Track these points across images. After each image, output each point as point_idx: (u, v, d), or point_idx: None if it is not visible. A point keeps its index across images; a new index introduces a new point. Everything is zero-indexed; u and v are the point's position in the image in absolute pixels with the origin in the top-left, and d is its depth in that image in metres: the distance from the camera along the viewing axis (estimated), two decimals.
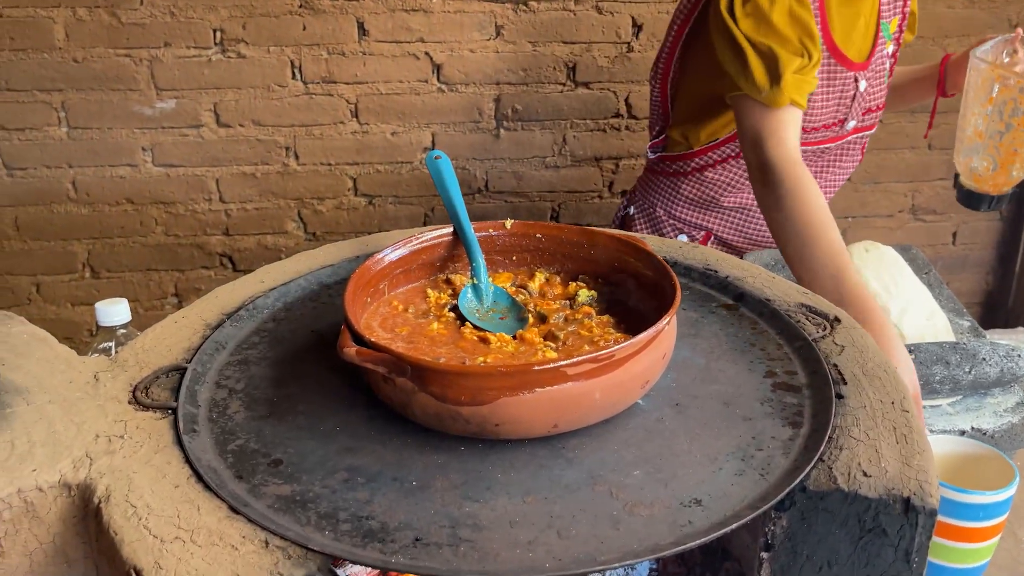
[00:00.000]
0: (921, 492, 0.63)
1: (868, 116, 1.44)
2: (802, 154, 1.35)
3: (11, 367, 0.78)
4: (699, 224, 1.55)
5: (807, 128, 1.36)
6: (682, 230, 1.56)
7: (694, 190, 1.51)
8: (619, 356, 0.70)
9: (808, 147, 1.39)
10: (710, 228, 1.54)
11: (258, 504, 0.64)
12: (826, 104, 1.36)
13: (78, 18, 1.91)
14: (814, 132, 1.38)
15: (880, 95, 1.43)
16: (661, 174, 1.54)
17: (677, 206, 1.54)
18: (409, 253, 0.91)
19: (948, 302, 1.26)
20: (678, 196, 1.53)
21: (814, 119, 1.36)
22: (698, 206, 1.54)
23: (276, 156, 2.08)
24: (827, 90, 1.35)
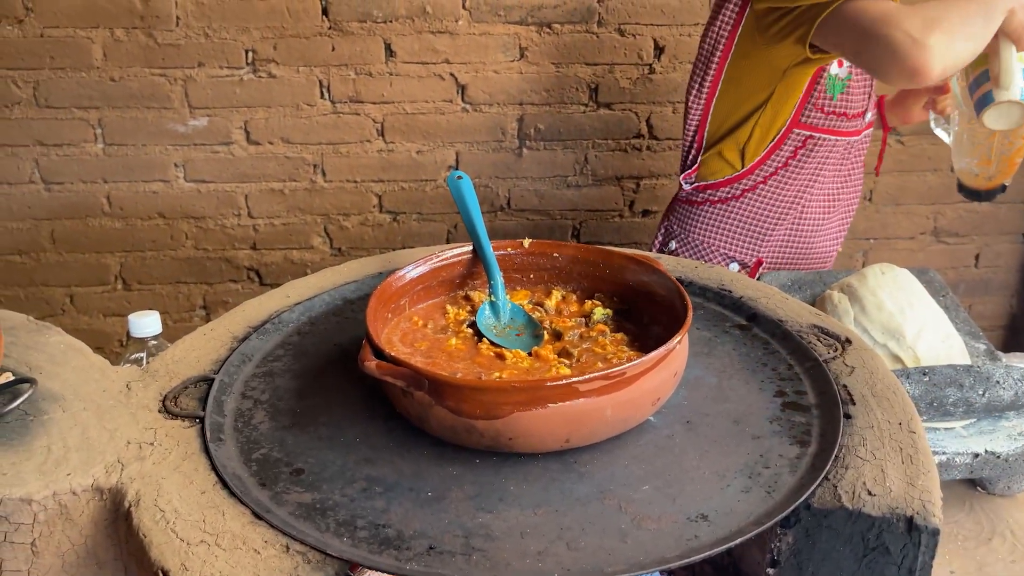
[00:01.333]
0: (924, 512, 0.64)
1: (871, 114, 1.51)
2: (840, 147, 1.47)
3: (48, 375, 0.81)
4: (751, 251, 1.55)
5: (849, 114, 1.43)
6: (734, 258, 1.56)
7: (748, 212, 1.53)
8: (630, 373, 0.72)
9: (846, 136, 1.46)
10: (762, 255, 1.56)
11: (280, 511, 0.67)
12: (860, 91, 1.43)
13: (116, 39, 1.98)
14: (854, 119, 1.45)
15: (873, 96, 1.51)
16: (704, 204, 1.55)
17: (727, 235, 1.55)
18: (429, 270, 0.94)
19: (964, 325, 1.26)
20: (727, 222, 1.54)
21: (851, 104, 1.43)
22: (751, 231, 1.55)
23: (304, 173, 2.13)
24: (861, 76, 1.42)
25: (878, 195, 2.23)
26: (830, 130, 1.45)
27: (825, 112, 1.43)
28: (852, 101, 1.44)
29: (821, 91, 1.42)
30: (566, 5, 2.02)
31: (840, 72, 1.41)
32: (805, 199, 1.52)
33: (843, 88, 1.42)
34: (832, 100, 1.42)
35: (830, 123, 1.44)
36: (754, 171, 1.50)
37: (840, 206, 1.58)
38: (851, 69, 1.41)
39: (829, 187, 1.54)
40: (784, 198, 1.52)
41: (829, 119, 1.44)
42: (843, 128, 1.46)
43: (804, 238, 1.56)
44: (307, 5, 1.98)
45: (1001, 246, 2.32)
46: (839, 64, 1.41)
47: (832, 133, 1.45)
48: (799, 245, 1.57)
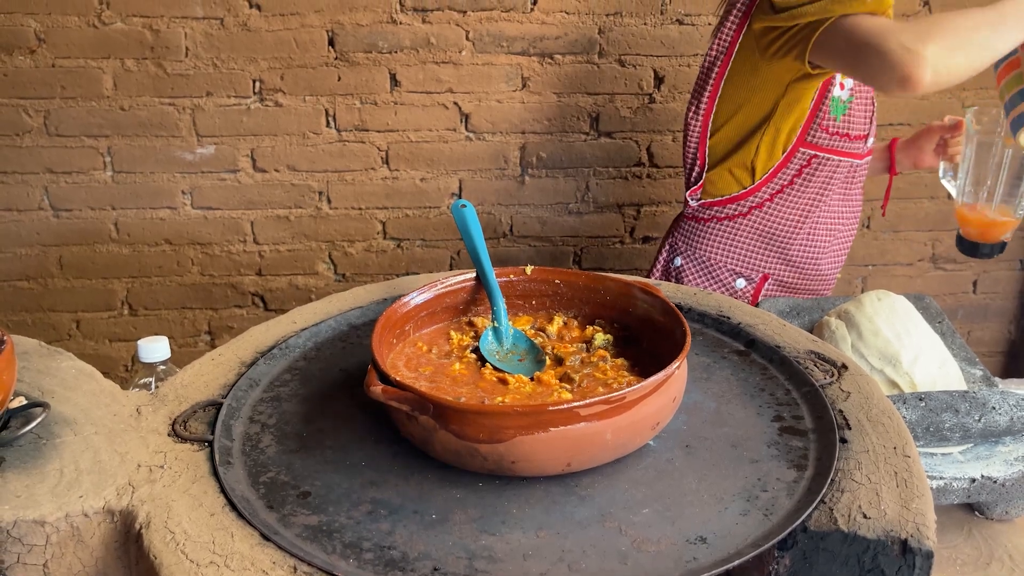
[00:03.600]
0: (918, 535, 0.65)
1: (871, 140, 1.55)
2: (843, 168, 1.51)
3: (60, 400, 0.83)
4: (757, 266, 1.58)
5: (852, 135, 1.47)
6: (740, 273, 1.58)
7: (755, 229, 1.56)
8: (630, 398, 0.74)
9: (849, 158, 1.50)
10: (768, 270, 1.58)
11: (287, 533, 0.68)
12: (863, 113, 1.47)
13: (126, 69, 2.01)
14: (858, 141, 1.48)
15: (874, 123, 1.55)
16: (711, 220, 1.58)
17: (734, 251, 1.57)
18: (433, 297, 0.96)
19: (960, 351, 1.28)
20: (735, 239, 1.57)
21: (853, 125, 1.47)
22: (758, 248, 1.57)
23: (309, 200, 2.16)
24: (862, 99, 1.46)
25: (876, 222, 2.25)
26: (834, 150, 1.48)
27: (829, 132, 1.47)
28: (854, 122, 1.48)
29: (825, 112, 1.46)
30: (567, 36, 2.06)
31: (842, 94, 1.45)
32: (812, 218, 1.55)
33: (845, 110, 1.46)
34: (836, 121, 1.46)
35: (834, 143, 1.48)
36: (761, 188, 1.53)
37: (843, 229, 1.61)
38: (852, 91, 1.45)
39: (834, 208, 1.57)
40: (790, 216, 1.54)
41: (833, 139, 1.47)
42: (847, 149, 1.49)
43: (810, 257, 1.58)
44: (314, 36, 2.03)
45: (999, 273, 2.34)
46: (841, 87, 1.44)
47: (836, 153, 1.48)
48: (805, 264, 1.59)
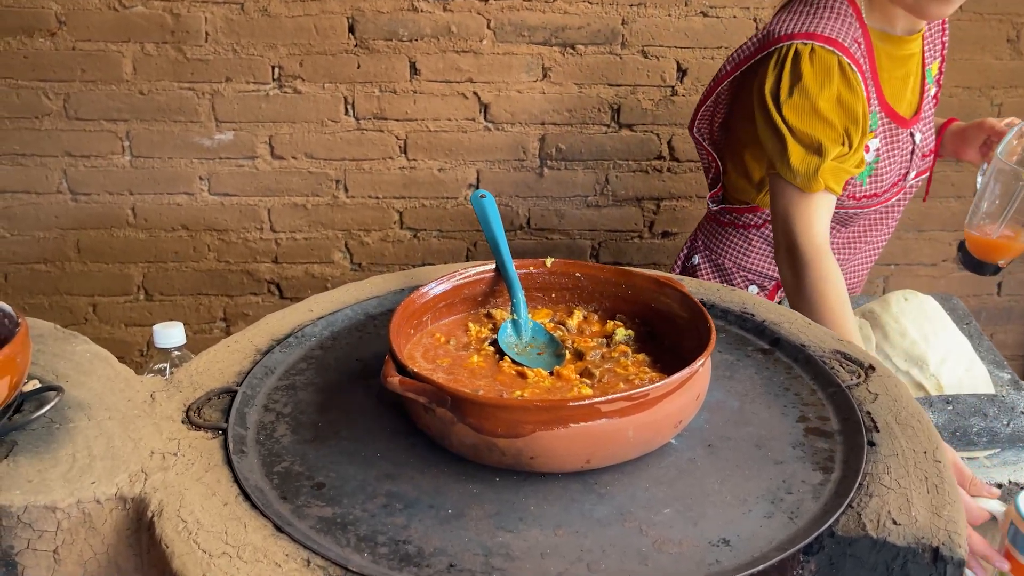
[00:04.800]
0: (950, 543, 0.63)
1: (924, 161, 1.44)
2: (874, 211, 1.40)
3: (75, 384, 0.82)
4: (771, 276, 1.54)
5: (879, 193, 1.36)
6: (753, 281, 1.55)
7: (764, 239, 1.50)
8: (653, 395, 0.72)
9: (880, 206, 1.41)
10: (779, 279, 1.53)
11: (301, 524, 0.67)
12: (891, 166, 1.36)
13: (146, 53, 2.01)
14: (877, 199, 1.39)
15: (931, 139, 1.44)
16: (729, 225, 1.54)
17: (748, 258, 1.53)
18: (452, 288, 0.94)
19: (988, 353, 1.25)
20: (749, 248, 1.52)
21: (884, 182, 1.36)
22: (767, 257, 1.53)
23: (326, 188, 2.14)
24: (891, 152, 1.34)
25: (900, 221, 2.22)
26: (862, 206, 1.39)
27: (856, 198, 1.36)
28: (882, 180, 1.36)
29: (850, 181, 1.33)
30: (590, 27, 2.04)
31: (868, 157, 1.32)
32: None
33: (871, 171, 1.35)
34: (862, 186, 1.35)
35: (862, 204, 1.38)
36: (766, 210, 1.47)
37: (866, 249, 1.54)
38: (878, 152, 1.33)
39: (859, 230, 1.49)
40: None
41: (861, 202, 1.37)
42: (876, 203, 1.40)
43: None
44: (334, 23, 2.01)
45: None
46: (867, 150, 1.31)
47: (864, 208, 1.39)
48: None
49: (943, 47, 1.42)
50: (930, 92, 1.41)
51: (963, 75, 2.09)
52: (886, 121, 1.32)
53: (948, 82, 2.09)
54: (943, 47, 1.42)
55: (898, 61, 1.30)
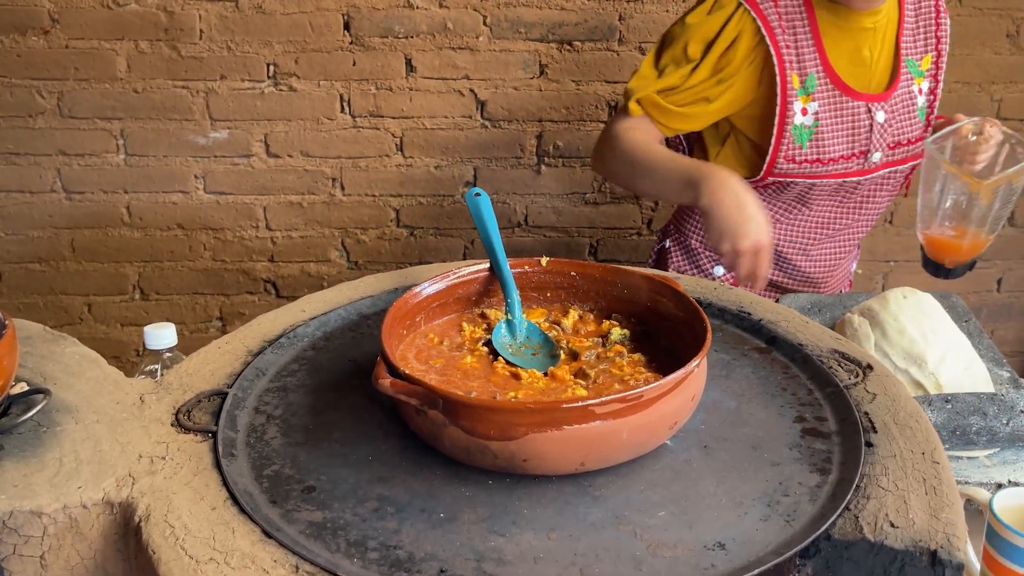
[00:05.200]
0: (949, 546, 0.63)
1: (900, 150, 1.42)
2: (833, 188, 1.40)
3: (63, 386, 0.81)
4: None
5: (824, 160, 1.38)
6: (719, 261, 1.54)
7: None
8: (647, 397, 0.71)
9: (833, 179, 1.39)
10: None
11: (290, 529, 0.66)
12: (835, 134, 1.37)
13: (140, 51, 1.99)
14: (833, 164, 1.38)
15: (910, 130, 1.42)
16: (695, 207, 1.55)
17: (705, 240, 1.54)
18: (445, 287, 0.93)
19: (988, 351, 1.24)
20: None
21: (828, 149, 1.37)
22: None
23: (322, 186, 2.13)
24: (835, 119, 1.36)
25: (899, 217, 2.21)
26: (808, 175, 1.38)
27: (797, 162, 1.37)
28: (826, 146, 1.36)
29: (788, 142, 1.35)
30: (587, 23, 2.02)
31: (806, 120, 1.34)
32: (789, 222, 1.47)
33: (811, 135, 1.35)
34: (802, 149, 1.36)
35: (804, 170, 1.38)
36: None
37: (837, 235, 1.51)
38: (817, 116, 1.35)
39: (824, 214, 1.47)
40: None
41: (803, 167, 1.37)
42: (823, 172, 1.38)
43: (788, 257, 1.51)
44: (329, 20, 2.00)
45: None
46: (803, 112, 1.34)
47: (811, 177, 1.39)
48: (784, 263, 1.51)
49: (938, 42, 1.41)
50: (915, 83, 1.40)
51: (963, 70, 2.08)
52: (828, 86, 1.33)
53: (948, 77, 2.07)
54: (938, 42, 1.41)
55: (846, 32, 1.32)
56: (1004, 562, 0.83)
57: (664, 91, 1.33)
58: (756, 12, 1.29)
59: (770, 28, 1.29)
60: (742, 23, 1.29)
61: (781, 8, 1.30)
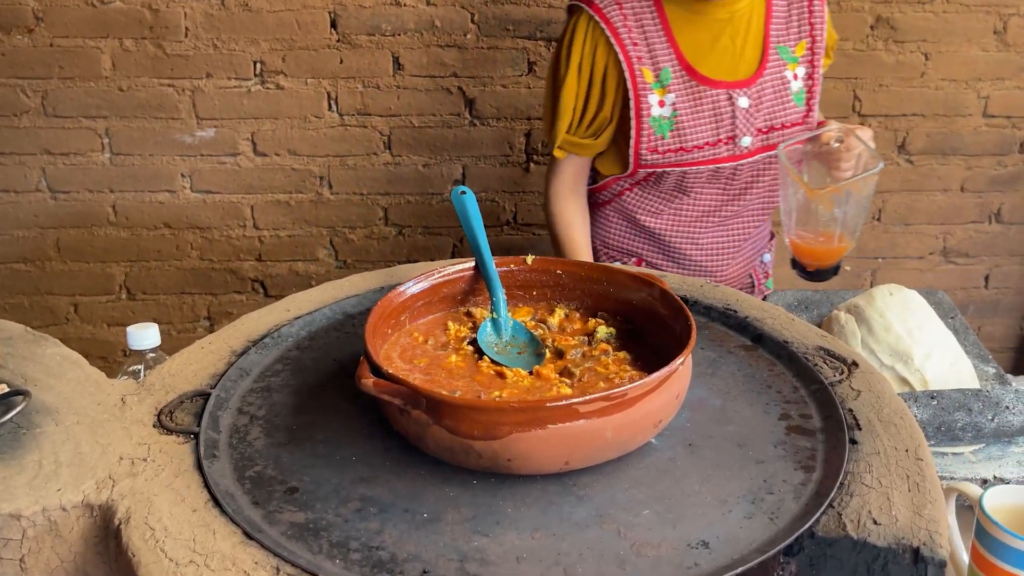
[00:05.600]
0: (931, 543, 0.63)
1: (775, 134, 1.43)
2: (708, 175, 1.43)
3: (43, 388, 0.80)
4: (629, 250, 1.57)
5: (688, 147, 1.40)
6: (615, 258, 1.58)
7: (618, 214, 1.54)
8: (632, 395, 0.71)
9: (704, 166, 1.41)
10: (640, 254, 1.56)
11: (272, 531, 0.65)
12: (695, 122, 1.40)
13: (125, 49, 1.98)
14: (698, 151, 1.40)
15: (784, 114, 1.44)
16: (593, 206, 1.58)
17: (609, 234, 1.57)
18: (430, 286, 0.93)
19: (973, 348, 1.24)
20: (608, 225, 1.56)
21: (689, 137, 1.40)
22: (628, 231, 1.55)
23: (310, 185, 2.12)
24: (693, 108, 1.39)
25: (887, 215, 2.22)
26: (675, 164, 1.41)
27: (661, 152, 1.40)
28: (687, 134, 1.39)
29: (649, 134, 1.39)
30: None
31: (664, 111, 1.38)
32: (672, 210, 1.49)
33: (671, 125, 1.38)
34: (664, 139, 1.39)
35: (670, 159, 1.40)
36: (613, 184, 1.51)
37: (726, 222, 1.51)
38: (675, 106, 1.38)
39: (704, 203, 1.48)
40: (648, 207, 1.50)
41: (668, 156, 1.40)
42: (692, 160, 1.40)
43: (676, 245, 1.52)
44: (316, 18, 1.99)
45: (1011, 267, 2.30)
46: (660, 104, 1.38)
47: (679, 166, 1.41)
48: (674, 252, 1.53)
49: (812, 28, 1.44)
50: (787, 69, 1.42)
51: (949, 67, 2.08)
52: (684, 77, 1.38)
53: (935, 75, 2.09)
54: (812, 28, 1.44)
55: (699, 24, 1.37)
56: (994, 560, 0.83)
57: (570, 128, 1.42)
58: (600, 17, 1.35)
59: (614, 29, 1.35)
60: (591, 31, 1.36)
61: (627, 9, 1.36)
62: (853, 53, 2.06)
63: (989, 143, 2.16)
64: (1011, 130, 2.15)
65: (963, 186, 2.20)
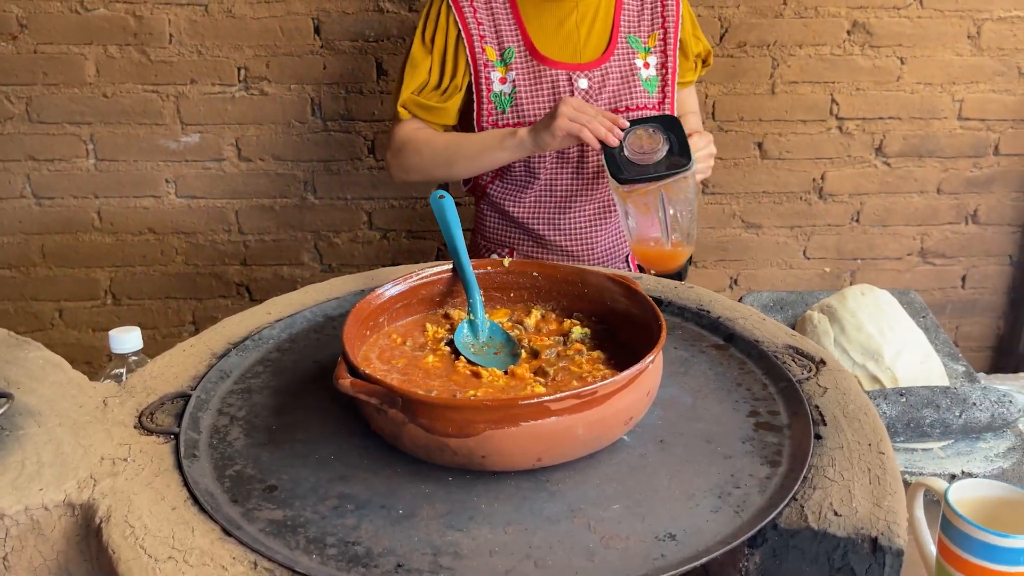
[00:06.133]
0: (889, 532, 0.65)
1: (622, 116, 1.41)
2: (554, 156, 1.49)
3: (26, 391, 0.82)
4: (502, 242, 1.62)
5: (525, 123, 1.46)
6: (492, 250, 1.64)
7: (491, 208, 1.60)
8: (602, 393, 0.73)
9: None
10: (511, 244, 1.61)
11: (250, 527, 0.67)
12: (534, 99, 1.47)
13: (109, 55, 1.99)
14: None
15: (629, 97, 1.50)
16: (473, 204, 1.66)
17: (486, 227, 1.63)
18: (408, 289, 0.94)
19: (944, 346, 1.27)
20: (484, 219, 1.63)
21: (527, 113, 1.47)
22: (498, 224, 1.61)
23: (294, 190, 2.14)
24: (533, 86, 1.47)
25: (865, 216, 2.25)
26: None
27: (500, 126, 1.46)
28: (524, 110, 1.46)
29: (491, 108, 1.47)
30: None
31: (505, 88, 1.47)
32: (525, 195, 1.53)
33: (511, 101, 1.46)
34: (504, 114, 1.47)
35: None
36: (478, 181, 1.57)
37: (585, 205, 1.54)
38: (515, 83, 1.46)
39: (555, 185, 1.52)
40: (510, 194, 1.55)
41: None
42: None
43: (535, 229, 1.56)
44: (299, 24, 2.00)
45: (988, 267, 2.34)
46: (502, 81, 1.47)
47: None
48: (537, 238, 1.57)
49: (664, 20, 1.52)
50: (638, 58, 1.50)
51: (924, 71, 2.12)
52: (527, 57, 1.47)
53: (911, 79, 2.12)
54: (664, 20, 1.52)
55: (546, 11, 1.47)
56: (959, 552, 0.85)
57: (417, 90, 1.48)
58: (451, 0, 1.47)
59: (459, 9, 1.46)
60: (443, 11, 1.47)
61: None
62: (830, 57, 2.09)
63: (964, 145, 2.20)
64: (985, 132, 2.19)
65: (939, 188, 2.24)
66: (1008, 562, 0.85)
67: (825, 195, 2.22)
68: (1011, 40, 2.11)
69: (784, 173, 2.20)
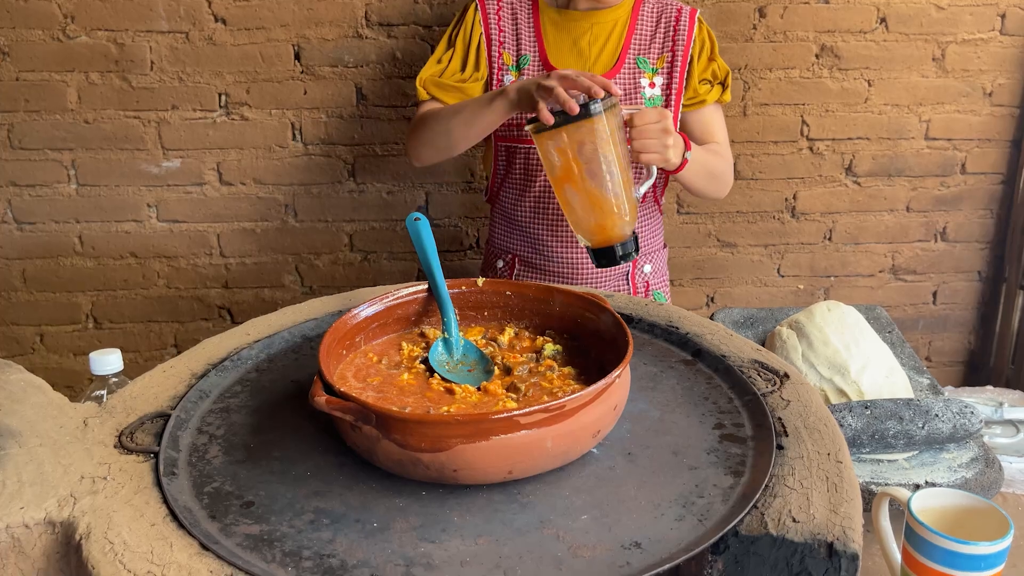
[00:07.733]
0: (844, 538, 0.67)
1: None
2: None
3: (7, 412, 0.83)
4: (507, 248, 1.68)
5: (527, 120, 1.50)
6: (497, 255, 1.70)
7: (501, 215, 1.67)
8: (570, 407, 0.75)
9: None
10: (515, 251, 1.67)
11: (228, 542, 0.69)
12: None
13: (90, 82, 2.01)
14: None
15: None
16: (489, 206, 1.73)
17: (494, 234, 1.71)
18: (384, 309, 0.97)
19: (909, 360, 1.31)
20: (495, 226, 1.71)
21: None
22: (507, 230, 1.67)
23: (275, 213, 2.16)
24: None
25: (837, 234, 2.29)
26: (517, 139, 1.56)
27: (507, 123, 1.54)
28: None
29: None
30: None
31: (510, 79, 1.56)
32: (531, 200, 1.59)
33: None
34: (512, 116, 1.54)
35: (513, 134, 1.56)
36: (493, 183, 1.65)
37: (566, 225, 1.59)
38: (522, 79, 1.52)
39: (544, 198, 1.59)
40: (514, 200, 1.62)
41: (512, 131, 1.56)
42: (520, 134, 1.56)
43: (542, 240, 1.61)
44: (280, 50, 2.03)
45: (958, 284, 2.39)
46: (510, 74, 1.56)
47: (523, 142, 1.56)
48: (542, 246, 1.62)
49: (674, 44, 1.58)
50: (644, 77, 1.57)
51: (891, 93, 2.18)
52: (539, 67, 1.56)
53: (878, 100, 2.18)
54: (674, 44, 1.58)
55: (564, 30, 1.56)
56: (922, 559, 0.88)
57: (438, 73, 1.57)
58: (480, 6, 1.58)
59: (486, 14, 1.57)
60: (475, 16, 1.58)
61: (504, 2, 1.58)
62: (800, 80, 2.15)
63: (932, 165, 2.25)
64: (952, 152, 2.24)
65: (908, 206, 2.29)
66: (969, 568, 0.88)
67: (798, 214, 2.27)
68: (975, 62, 2.18)
69: (757, 193, 2.24)
